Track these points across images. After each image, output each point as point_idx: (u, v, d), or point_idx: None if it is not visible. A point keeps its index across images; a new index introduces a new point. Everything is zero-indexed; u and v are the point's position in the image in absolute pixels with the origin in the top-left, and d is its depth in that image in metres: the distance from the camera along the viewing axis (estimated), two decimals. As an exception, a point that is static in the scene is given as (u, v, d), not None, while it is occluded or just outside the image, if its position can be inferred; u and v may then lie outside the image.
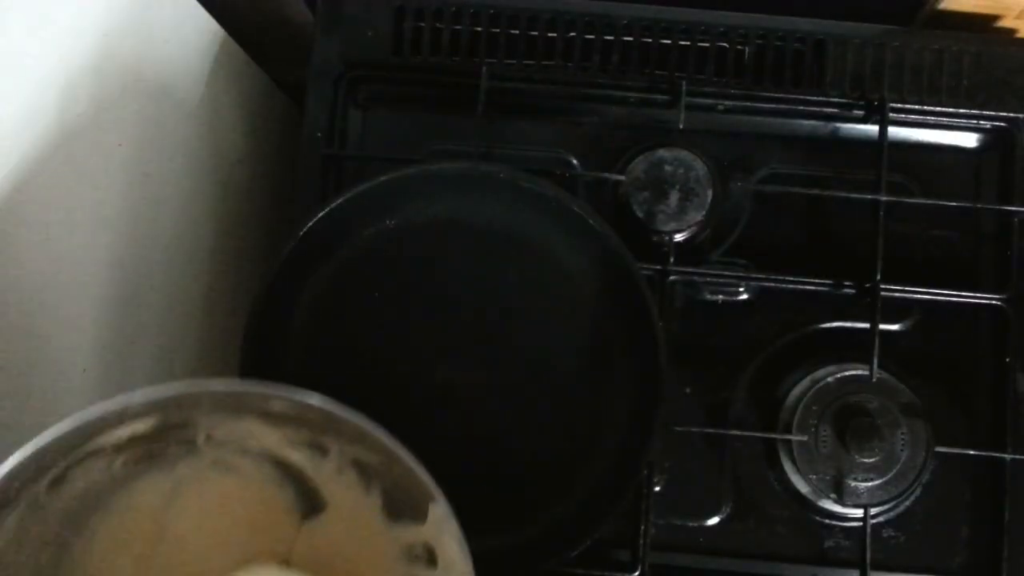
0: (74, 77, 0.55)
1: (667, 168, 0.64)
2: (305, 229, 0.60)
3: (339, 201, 0.61)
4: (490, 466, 0.60)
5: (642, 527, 0.61)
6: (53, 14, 0.53)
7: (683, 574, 0.63)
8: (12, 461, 0.43)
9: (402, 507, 0.51)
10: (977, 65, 0.66)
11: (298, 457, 0.52)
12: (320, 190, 0.66)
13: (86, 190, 0.58)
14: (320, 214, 0.60)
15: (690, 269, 0.65)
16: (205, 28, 0.71)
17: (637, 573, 0.61)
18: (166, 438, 0.51)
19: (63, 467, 0.47)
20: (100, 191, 0.59)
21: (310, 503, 0.53)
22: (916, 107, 0.66)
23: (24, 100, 0.52)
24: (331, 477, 0.53)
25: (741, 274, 0.66)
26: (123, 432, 0.48)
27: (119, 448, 0.49)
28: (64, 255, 0.56)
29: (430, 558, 0.50)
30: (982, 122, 0.67)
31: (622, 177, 0.64)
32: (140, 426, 0.48)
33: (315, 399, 0.47)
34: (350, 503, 0.53)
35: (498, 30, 0.67)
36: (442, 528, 0.47)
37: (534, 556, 0.57)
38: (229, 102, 0.76)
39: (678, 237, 0.64)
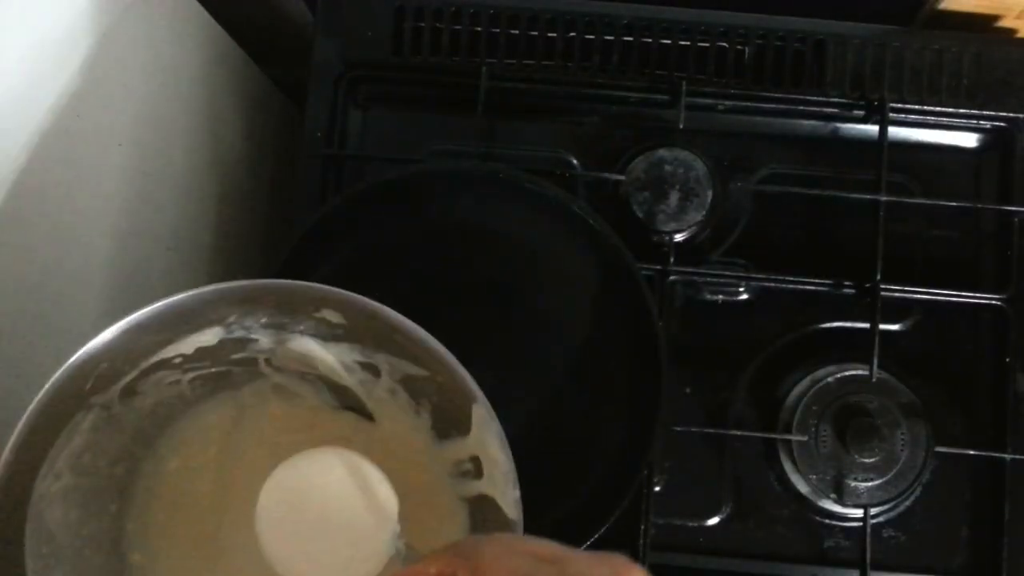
0: (74, 77, 0.55)
1: (667, 168, 0.64)
2: (305, 229, 0.60)
3: (339, 201, 0.61)
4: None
5: (642, 527, 0.61)
6: (53, 15, 0.53)
7: (683, 574, 0.63)
8: (82, 353, 0.44)
9: (449, 423, 0.52)
10: (977, 65, 0.66)
11: (352, 380, 0.54)
12: (320, 190, 0.66)
13: (86, 190, 0.58)
14: (321, 213, 0.61)
15: (690, 269, 0.65)
16: (205, 28, 0.71)
17: (637, 573, 0.61)
18: (229, 357, 0.53)
19: (134, 376, 0.49)
20: (100, 191, 0.59)
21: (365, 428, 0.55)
22: (916, 107, 0.66)
23: (24, 100, 0.52)
24: (384, 399, 0.55)
25: (741, 274, 0.66)
26: (189, 344, 0.50)
27: (187, 362, 0.51)
28: (64, 255, 0.56)
29: (477, 470, 0.51)
30: (982, 122, 0.67)
31: (622, 177, 0.64)
32: (205, 338, 0.50)
33: (361, 299, 0.47)
34: (402, 425, 0.54)
35: (498, 30, 0.67)
36: (484, 430, 0.48)
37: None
38: (229, 102, 0.76)
39: (678, 237, 0.64)
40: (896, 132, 0.66)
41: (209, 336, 0.50)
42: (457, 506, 0.54)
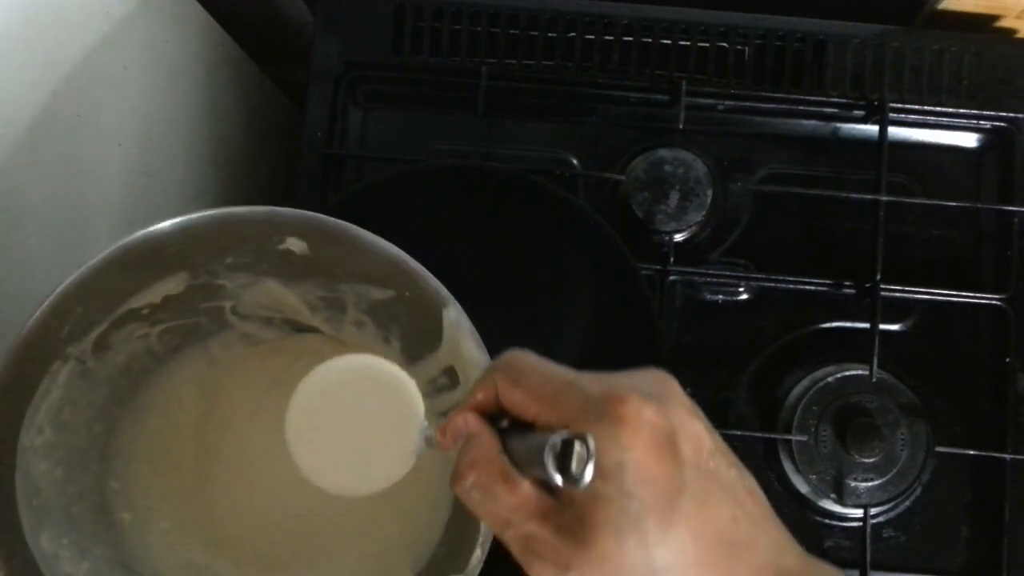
0: (74, 77, 0.55)
1: (667, 168, 0.64)
2: (305, 229, 0.60)
3: (339, 201, 0.61)
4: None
5: (642, 527, 0.61)
6: (53, 15, 0.53)
7: (683, 574, 0.63)
8: (58, 294, 0.46)
9: (419, 343, 0.51)
10: (977, 65, 0.66)
11: (318, 319, 0.54)
12: (320, 190, 0.66)
13: (86, 190, 0.58)
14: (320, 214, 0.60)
15: (690, 269, 0.65)
16: (205, 28, 0.71)
17: (637, 573, 0.60)
18: (197, 306, 0.53)
19: (105, 327, 0.49)
20: (100, 191, 0.59)
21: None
22: (916, 107, 0.66)
23: (24, 101, 0.52)
24: (352, 334, 0.55)
25: (741, 274, 0.66)
26: (156, 292, 0.50)
27: (155, 313, 0.51)
28: (64, 255, 0.56)
29: (452, 381, 0.51)
30: (982, 122, 0.67)
31: (622, 177, 0.64)
32: (171, 285, 0.50)
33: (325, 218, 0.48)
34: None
35: (498, 30, 0.67)
36: (457, 331, 0.48)
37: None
38: (229, 102, 0.76)
39: (678, 237, 0.64)
40: (896, 132, 0.66)
41: (175, 283, 0.50)
42: (435, 424, 0.54)
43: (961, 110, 0.66)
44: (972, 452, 0.63)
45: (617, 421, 0.35)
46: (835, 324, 0.66)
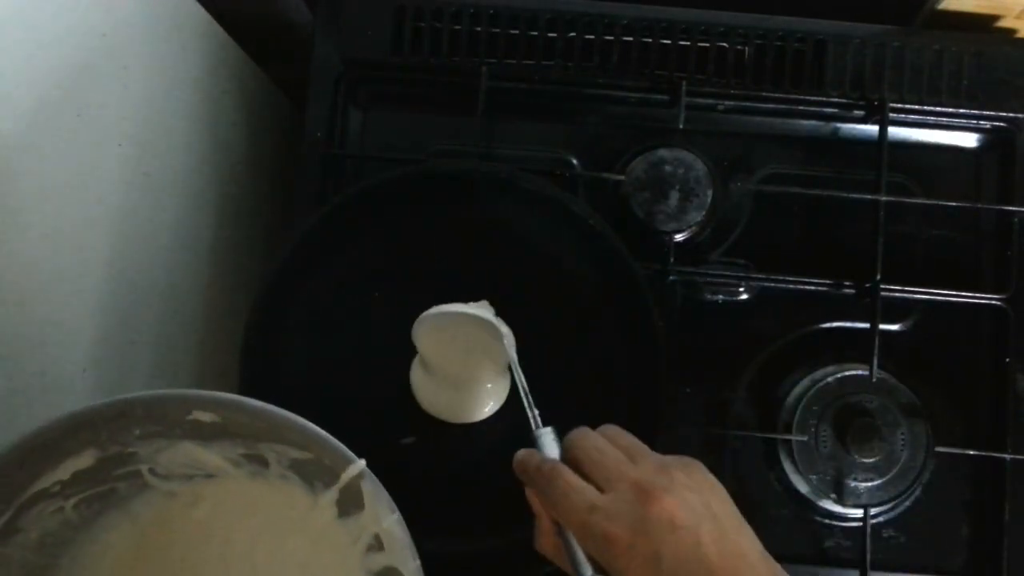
0: (74, 77, 0.55)
1: (667, 168, 0.64)
2: (305, 229, 0.60)
3: (339, 201, 0.61)
4: (490, 466, 0.60)
5: (642, 527, 0.61)
6: (53, 15, 0.53)
7: (683, 574, 0.63)
8: None
9: (348, 499, 0.50)
10: (977, 65, 0.66)
11: (242, 473, 0.53)
12: (320, 190, 0.66)
13: (86, 190, 0.58)
14: (320, 214, 0.61)
15: (690, 269, 0.65)
16: (205, 28, 0.71)
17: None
18: (111, 474, 0.51)
19: (10, 515, 0.47)
20: (100, 191, 0.59)
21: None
22: (916, 107, 0.66)
23: (24, 101, 0.51)
24: (279, 486, 0.53)
25: (741, 274, 0.66)
26: (64, 470, 0.48)
27: (67, 488, 0.49)
28: (64, 255, 0.56)
29: (379, 543, 0.50)
30: (982, 122, 0.67)
31: (622, 177, 0.64)
32: (80, 461, 0.48)
33: (227, 396, 0.47)
34: (302, 507, 0.53)
35: (498, 30, 0.67)
36: (375, 502, 0.47)
37: (536, 556, 0.57)
38: (229, 102, 0.76)
39: (678, 237, 0.64)
40: (896, 132, 0.66)
41: (84, 459, 0.48)
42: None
43: (961, 110, 0.66)
44: (972, 452, 0.63)
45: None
46: (835, 324, 0.66)
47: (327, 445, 0.47)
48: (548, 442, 0.50)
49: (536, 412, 0.52)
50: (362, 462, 0.47)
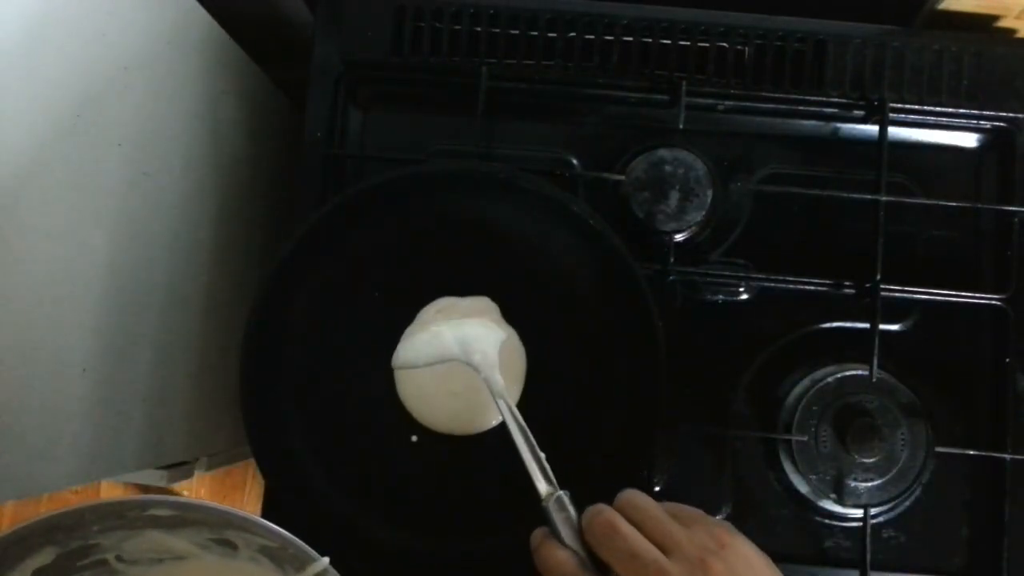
0: (74, 77, 0.55)
1: (667, 168, 0.64)
2: (305, 229, 0.60)
3: (339, 201, 0.61)
4: (490, 465, 0.60)
5: (642, 527, 0.61)
6: (53, 15, 0.53)
7: (683, 574, 0.63)
8: None
9: None
10: (977, 65, 0.66)
11: (212, 556, 0.52)
12: (320, 190, 0.66)
13: (85, 190, 0.58)
14: (320, 214, 0.61)
15: (690, 269, 0.65)
16: (205, 28, 0.71)
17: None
18: (75, 565, 0.50)
19: None
20: (100, 191, 0.59)
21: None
22: (916, 107, 0.66)
23: (24, 100, 0.51)
24: (250, 569, 0.53)
25: (741, 274, 0.66)
26: (23, 570, 0.47)
27: None
28: (64, 255, 0.56)
29: None
30: (982, 122, 0.67)
31: (622, 177, 0.64)
32: (40, 559, 0.47)
33: (184, 499, 0.47)
34: None
35: (498, 30, 0.67)
36: None
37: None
38: (229, 102, 0.76)
39: (678, 237, 0.64)
40: (896, 132, 0.66)
41: (44, 556, 0.47)
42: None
43: (961, 110, 0.66)
44: (972, 452, 0.63)
45: None
46: (835, 324, 0.66)
47: (289, 542, 0.47)
48: (561, 520, 0.50)
49: (548, 471, 0.51)
50: (325, 560, 0.47)
